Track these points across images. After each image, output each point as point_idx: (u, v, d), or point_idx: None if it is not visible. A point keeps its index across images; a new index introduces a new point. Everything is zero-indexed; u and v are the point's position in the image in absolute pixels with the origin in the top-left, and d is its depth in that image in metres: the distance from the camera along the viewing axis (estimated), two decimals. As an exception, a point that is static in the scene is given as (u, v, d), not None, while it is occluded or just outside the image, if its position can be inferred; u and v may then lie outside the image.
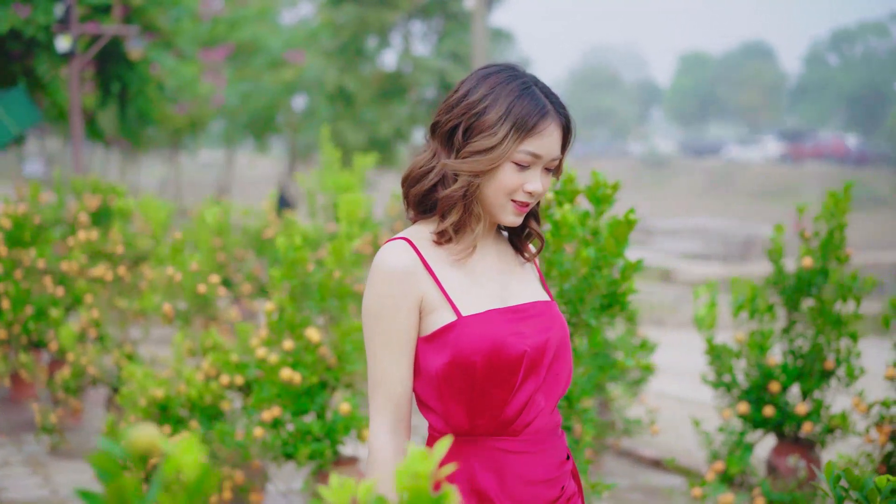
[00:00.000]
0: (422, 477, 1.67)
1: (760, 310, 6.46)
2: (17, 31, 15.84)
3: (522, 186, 2.62)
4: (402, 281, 2.61)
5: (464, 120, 2.63)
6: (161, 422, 6.28)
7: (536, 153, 2.60)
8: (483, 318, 2.60)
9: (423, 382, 2.65)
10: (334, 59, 28.23)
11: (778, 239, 6.49)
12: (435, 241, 2.67)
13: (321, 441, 5.74)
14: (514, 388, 2.60)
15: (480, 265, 2.73)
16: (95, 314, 7.94)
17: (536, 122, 2.59)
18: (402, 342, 2.62)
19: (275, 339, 5.79)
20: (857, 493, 3.27)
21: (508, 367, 2.58)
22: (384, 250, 2.65)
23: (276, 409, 5.67)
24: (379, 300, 2.61)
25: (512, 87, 2.62)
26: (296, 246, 5.75)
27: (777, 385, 6.23)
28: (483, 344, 2.56)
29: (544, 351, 2.66)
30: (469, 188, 2.61)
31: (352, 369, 5.79)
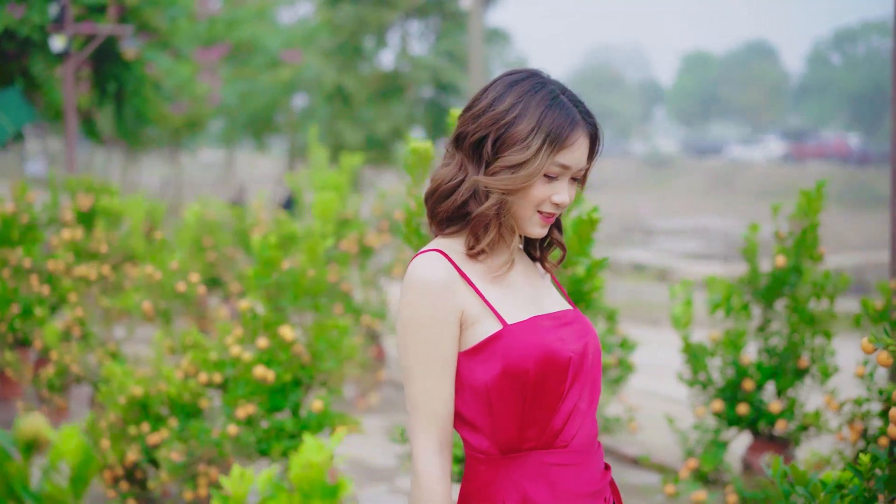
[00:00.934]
0: (316, 467, 1.71)
1: (735, 308, 6.50)
2: (12, 31, 15.89)
3: (550, 198, 2.55)
4: (439, 293, 2.50)
5: (492, 131, 2.53)
6: (140, 419, 6.32)
7: (567, 164, 2.53)
8: (529, 325, 2.53)
9: (465, 399, 2.55)
10: (332, 58, 28.28)
11: (752, 238, 6.53)
12: (469, 256, 2.57)
13: (295, 438, 5.78)
14: (561, 396, 2.53)
15: (511, 276, 2.65)
16: (80, 313, 7.98)
17: (568, 134, 2.52)
18: (444, 358, 2.51)
19: (249, 338, 5.84)
20: (802, 488, 3.31)
21: (557, 375, 2.51)
22: (418, 263, 2.54)
23: (250, 407, 5.72)
24: (416, 315, 2.50)
25: (541, 97, 2.54)
26: (270, 245, 5.79)
27: (751, 383, 6.27)
28: (534, 351, 2.49)
29: (584, 357, 2.59)
30: (503, 203, 2.53)
31: (325, 367, 5.83)
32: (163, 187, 44.86)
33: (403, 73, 28.43)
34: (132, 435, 6.23)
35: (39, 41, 16.09)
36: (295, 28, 30.33)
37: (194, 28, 23.72)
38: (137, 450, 6.21)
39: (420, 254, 2.56)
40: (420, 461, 2.49)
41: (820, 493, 3.26)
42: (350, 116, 27.55)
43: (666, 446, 8.52)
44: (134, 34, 16.99)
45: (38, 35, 15.91)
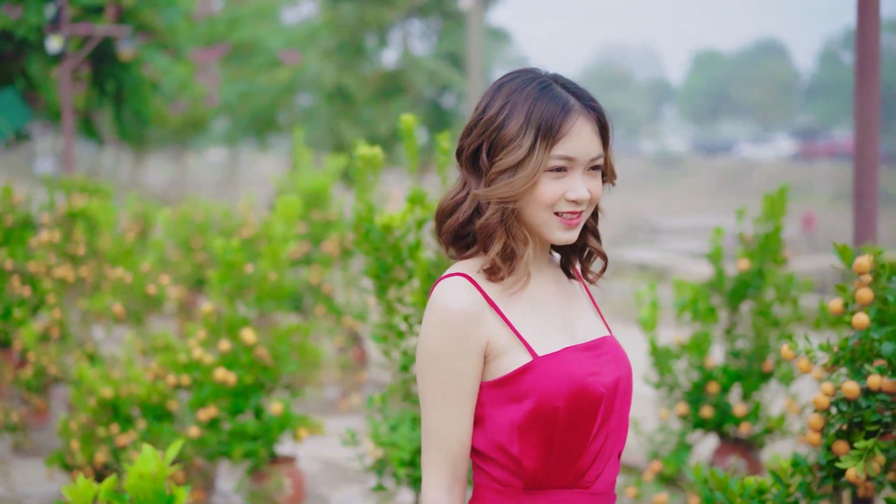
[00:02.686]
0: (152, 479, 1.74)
1: (702, 312, 6.53)
2: (9, 32, 15.97)
3: (564, 195, 2.35)
4: (465, 323, 2.32)
5: (485, 139, 2.38)
6: (111, 421, 6.37)
7: (569, 156, 2.34)
8: (561, 358, 2.35)
9: (484, 431, 2.38)
10: (333, 57, 28.32)
11: (717, 241, 6.56)
12: (488, 279, 2.39)
13: (257, 440, 5.83)
14: (591, 435, 2.36)
15: (541, 296, 2.47)
16: (58, 314, 8.04)
17: (562, 122, 2.33)
18: (462, 392, 2.34)
19: (212, 340, 5.89)
20: (720, 493, 3.34)
21: (588, 412, 2.34)
22: (443, 289, 2.36)
23: (212, 409, 5.77)
24: (436, 345, 2.33)
25: (529, 91, 2.36)
26: (233, 248, 5.83)
27: (715, 386, 6.30)
28: (564, 386, 2.31)
29: (616, 392, 2.42)
30: (506, 211, 2.35)
31: (287, 370, 5.87)
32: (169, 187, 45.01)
33: (404, 73, 28.45)
34: (101, 436, 6.27)
35: (36, 42, 16.16)
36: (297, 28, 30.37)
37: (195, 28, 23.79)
38: (107, 451, 6.26)
39: (444, 278, 2.39)
40: (429, 497, 2.37)
41: (736, 498, 3.28)
42: (351, 116, 27.60)
43: (631, 448, 8.53)
44: (131, 35, 17.05)
45: (35, 36, 15.98)
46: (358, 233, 4.66)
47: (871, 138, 5.65)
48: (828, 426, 3.35)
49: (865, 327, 3.31)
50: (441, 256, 4.64)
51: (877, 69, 5.60)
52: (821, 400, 3.31)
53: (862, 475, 3.18)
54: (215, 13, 25.75)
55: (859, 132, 5.65)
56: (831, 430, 3.35)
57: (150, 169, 48.13)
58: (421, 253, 4.60)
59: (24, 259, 8.67)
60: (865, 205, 5.73)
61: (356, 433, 4.90)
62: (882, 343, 3.27)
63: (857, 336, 3.35)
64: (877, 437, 3.21)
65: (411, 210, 4.63)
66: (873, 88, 5.59)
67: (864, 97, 5.60)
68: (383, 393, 4.86)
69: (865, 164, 5.69)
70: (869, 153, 5.68)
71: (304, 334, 6.02)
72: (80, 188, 11.40)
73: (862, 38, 5.52)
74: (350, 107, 27.94)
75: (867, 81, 5.59)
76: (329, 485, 7.49)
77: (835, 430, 3.34)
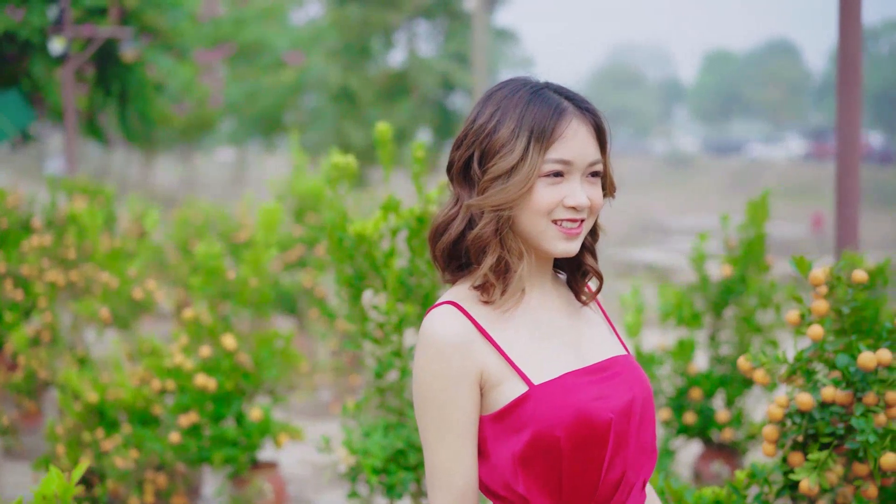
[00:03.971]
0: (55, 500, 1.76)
1: (686, 317, 6.53)
2: (12, 34, 16.02)
3: (562, 202, 2.24)
4: (455, 354, 2.21)
5: (475, 147, 2.27)
6: (96, 425, 6.39)
7: (566, 159, 2.23)
8: (559, 385, 2.22)
9: (491, 468, 2.25)
10: (338, 58, 28.35)
11: (700, 247, 6.57)
12: (482, 300, 2.28)
13: (237, 446, 5.84)
14: (603, 466, 2.22)
15: (545, 317, 2.35)
16: (48, 318, 8.07)
17: (555, 125, 2.23)
18: (462, 427, 2.23)
19: (195, 346, 5.91)
20: None
21: (596, 441, 2.20)
22: (430, 320, 2.26)
23: (193, 415, 5.78)
24: (430, 380, 2.23)
25: (520, 96, 2.27)
26: (215, 254, 5.86)
27: (698, 392, 6.30)
28: (564, 415, 2.18)
29: (630, 416, 2.27)
30: (500, 221, 2.24)
31: (268, 376, 5.89)
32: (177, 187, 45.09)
33: (410, 74, 28.47)
34: (87, 441, 6.29)
35: (39, 44, 16.22)
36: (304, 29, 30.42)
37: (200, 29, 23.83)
38: (91, 455, 6.28)
39: (433, 308, 2.28)
40: None
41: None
42: (356, 117, 27.63)
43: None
44: (135, 36, 17.11)
45: (38, 38, 16.04)
46: (331, 240, 4.67)
47: (852, 146, 5.65)
48: (783, 437, 3.36)
49: (820, 339, 3.32)
50: (414, 264, 4.65)
51: (859, 79, 5.60)
52: (774, 411, 3.31)
53: (815, 487, 3.19)
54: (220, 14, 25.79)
55: (841, 141, 5.65)
56: (786, 442, 3.36)
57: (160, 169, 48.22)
58: (394, 261, 4.61)
59: (18, 262, 8.69)
60: (847, 211, 5.74)
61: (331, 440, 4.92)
62: (837, 355, 3.27)
63: (813, 348, 3.36)
64: (830, 449, 3.22)
65: (385, 217, 4.63)
66: (854, 97, 5.60)
67: (845, 106, 5.61)
68: (358, 400, 4.88)
69: (847, 172, 5.70)
70: (850, 161, 5.68)
71: (286, 340, 6.03)
72: (82, 189, 11.46)
73: (844, 48, 5.52)
74: (355, 108, 27.97)
75: (848, 90, 5.60)
76: (315, 489, 7.51)
77: (790, 441, 3.34)
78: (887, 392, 3.17)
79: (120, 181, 42.85)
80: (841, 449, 3.29)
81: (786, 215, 42.01)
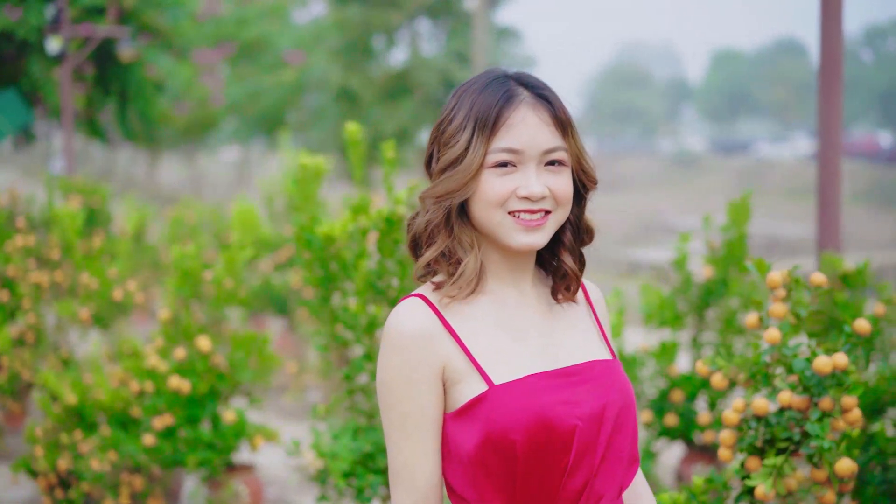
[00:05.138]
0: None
1: (668, 319, 6.49)
2: (9, 33, 16.03)
3: (514, 192, 2.16)
4: (417, 348, 2.15)
5: (435, 143, 2.25)
6: (75, 427, 6.36)
7: (512, 147, 2.14)
8: (521, 386, 2.13)
9: (453, 467, 2.18)
10: (339, 58, 28.32)
11: (683, 248, 6.52)
12: (444, 295, 2.21)
13: (212, 448, 5.80)
14: (564, 473, 2.13)
15: (519, 317, 2.26)
16: (32, 319, 8.04)
17: (500, 112, 2.15)
18: (424, 424, 2.16)
19: (169, 348, 5.87)
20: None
21: (557, 447, 2.12)
22: (395, 313, 2.20)
23: (167, 417, 5.74)
24: (392, 374, 2.16)
25: (475, 87, 2.21)
26: (189, 255, 5.82)
27: (680, 394, 6.25)
28: (522, 418, 2.09)
29: (600, 423, 2.18)
30: (448, 212, 2.20)
31: (244, 378, 5.85)
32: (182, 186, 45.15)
33: (412, 74, 28.42)
34: (65, 443, 6.26)
35: (37, 43, 16.23)
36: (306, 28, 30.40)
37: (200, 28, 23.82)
38: (69, 458, 6.24)
39: (400, 301, 2.24)
40: None
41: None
42: (357, 116, 27.57)
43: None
44: (134, 36, 17.11)
45: (36, 37, 16.05)
46: (299, 242, 4.63)
47: (833, 148, 5.62)
48: (740, 442, 3.31)
49: (778, 342, 3.27)
50: (384, 266, 4.61)
51: (840, 81, 5.56)
52: (730, 416, 3.26)
53: (770, 493, 3.14)
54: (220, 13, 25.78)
55: (823, 143, 5.62)
56: (743, 447, 3.30)
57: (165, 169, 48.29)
58: (363, 262, 4.57)
59: (4, 262, 8.67)
60: (829, 212, 5.69)
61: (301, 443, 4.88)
62: (793, 359, 3.22)
63: (770, 351, 3.31)
64: (787, 455, 3.17)
65: (353, 219, 4.59)
66: (836, 99, 5.56)
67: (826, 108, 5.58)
68: (328, 403, 4.84)
69: (829, 174, 5.66)
70: (832, 163, 5.65)
71: (263, 342, 5.99)
72: (79, 189, 11.46)
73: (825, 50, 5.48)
74: (357, 107, 27.93)
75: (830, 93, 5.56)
76: (298, 491, 7.47)
77: (746, 446, 3.29)
78: (843, 397, 3.12)
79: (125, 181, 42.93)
80: (796, 454, 3.24)
81: (793, 215, 41.96)
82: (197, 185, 40.75)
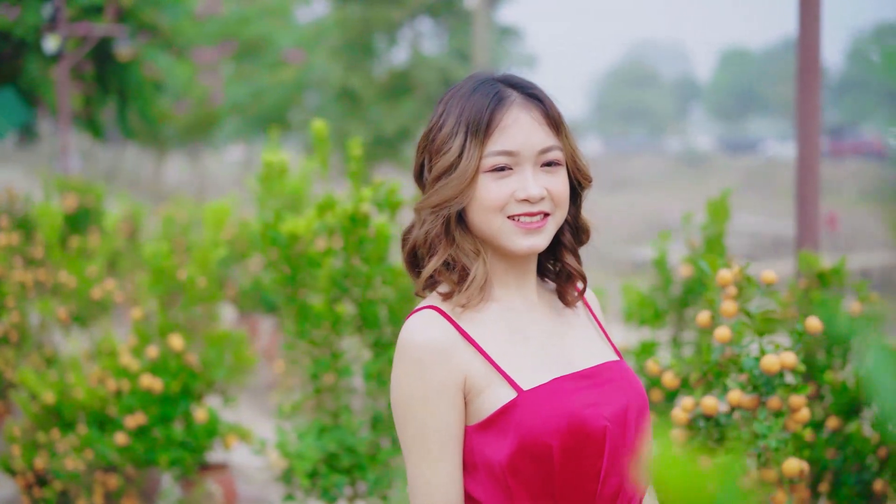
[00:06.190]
0: None
1: (648, 317, 6.44)
2: (6, 32, 16.04)
3: (513, 195, 2.11)
4: (437, 360, 2.08)
5: (426, 151, 2.21)
6: (52, 426, 6.34)
7: (508, 150, 2.11)
8: (549, 390, 2.08)
9: (479, 481, 2.11)
10: (340, 56, 28.29)
11: (662, 245, 6.47)
12: (455, 304, 2.15)
13: (184, 447, 5.78)
14: (599, 477, 2.08)
15: (529, 323, 2.22)
16: (16, 318, 8.02)
17: (492, 115, 2.11)
18: (445, 441, 2.08)
19: (142, 347, 5.84)
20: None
21: (591, 451, 2.06)
22: (409, 326, 2.13)
23: (140, 416, 5.72)
24: (410, 390, 2.09)
25: (463, 91, 2.18)
26: (163, 253, 5.79)
27: (659, 393, 6.19)
28: (556, 422, 2.04)
29: (625, 424, 2.14)
30: (447, 221, 2.15)
31: (215, 376, 5.82)
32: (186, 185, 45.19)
33: (412, 72, 28.39)
34: (42, 442, 6.24)
35: (34, 42, 16.24)
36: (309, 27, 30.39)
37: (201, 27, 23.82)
38: (46, 457, 6.22)
39: (413, 313, 2.16)
40: None
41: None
42: (358, 115, 27.54)
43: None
44: (132, 34, 17.10)
45: (33, 36, 16.06)
46: (263, 239, 4.60)
47: (812, 146, 5.57)
48: (690, 442, 3.27)
49: (728, 341, 3.23)
50: (350, 264, 4.58)
51: (818, 80, 5.51)
52: (678, 415, 3.23)
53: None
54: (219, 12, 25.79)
55: (801, 141, 5.57)
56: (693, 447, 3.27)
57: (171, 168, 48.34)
58: (329, 260, 4.54)
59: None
60: (807, 211, 5.65)
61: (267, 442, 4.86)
62: (742, 358, 3.18)
63: (721, 350, 3.27)
64: (737, 455, 3.13)
65: (320, 216, 4.56)
66: (814, 98, 5.51)
67: (805, 107, 5.52)
68: (294, 402, 4.81)
69: (807, 172, 5.61)
70: (811, 161, 5.60)
71: (238, 341, 5.96)
72: (74, 188, 11.46)
73: (803, 49, 5.44)
74: (357, 106, 27.89)
75: (808, 92, 5.51)
76: (279, 490, 7.43)
77: (697, 446, 3.25)
78: (791, 396, 3.08)
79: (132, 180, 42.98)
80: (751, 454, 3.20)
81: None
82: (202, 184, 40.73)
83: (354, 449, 4.56)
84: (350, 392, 4.74)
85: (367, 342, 4.66)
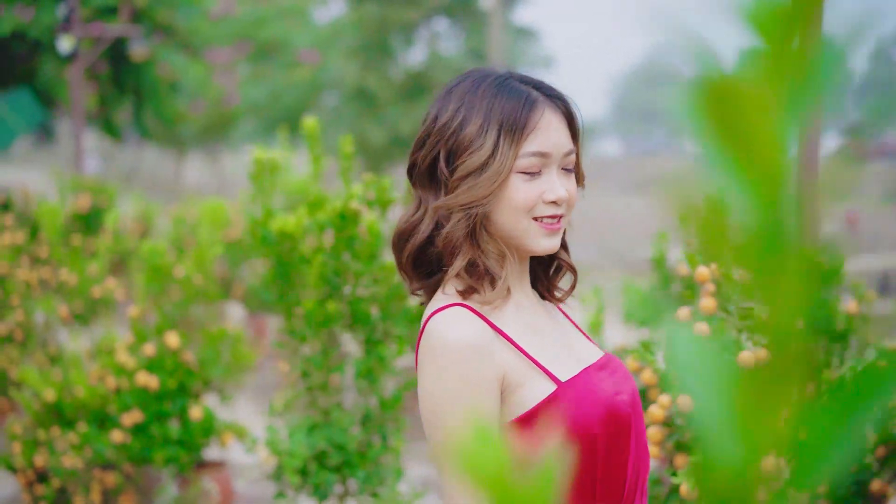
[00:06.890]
0: None
1: (648, 317, 6.43)
2: (21, 33, 16.11)
3: (542, 197, 2.09)
4: (476, 357, 2.00)
5: (441, 147, 2.11)
6: (52, 423, 6.36)
7: (542, 151, 2.08)
8: (584, 380, 2.06)
9: None
10: (356, 57, 28.29)
11: (661, 246, 6.45)
12: (484, 302, 2.09)
13: (181, 445, 5.79)
14: (627, 465, 2.08)
15: (539, 319, 2.20)
16: (20, 316, 8.05)
17: (528, 115, 2.08)
18: None
19: (138, 345, 5.86)
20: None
21: (622, 439, 2.06)
22: (442, 322, 2.04)
23: (136, 414, 5.73)
24: (448, 390, 1.99)
25: (484, 88, 2.11)
26: (159, 252, 5.80)
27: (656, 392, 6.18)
28: (597, 411, 2.02)
29: (637, 412, 2.14)
30: (472, 220, 2.08)
31: (212, 374, 5.83)
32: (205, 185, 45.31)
33: (429, 73, 28.36)
34: (42, 440, 6.26)
35: (49, 43, 16.30)
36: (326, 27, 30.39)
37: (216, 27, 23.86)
38: (46, 454, 6.24)
39: (439, 310, 2.06)
40: None
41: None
42: (374, 116, 27.54)
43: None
44: (147, 35, 17.15)
45: (48, 37, 16.12)
46: (253, 237, 4.60)
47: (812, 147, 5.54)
48: (668, 439, 3.25)
49: (705, 338, 3.20)
50: (339, 262, 4.57)
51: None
52: (655, 412, 3.21)
53: (694, 491, 3.08)
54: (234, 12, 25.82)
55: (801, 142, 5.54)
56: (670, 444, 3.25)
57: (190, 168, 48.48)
58: (319, 258, 4.53)
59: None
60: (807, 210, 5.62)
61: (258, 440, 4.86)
62: (720, 355, 3.16)
63: (699, 347, 3.24)
64: (713, 453, 3.10)
65: (311, 214, 4.56)
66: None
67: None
68: (286, 399, 4.81)
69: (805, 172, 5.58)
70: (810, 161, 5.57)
71: (235, 339, 5.97)
72: (88, 188, 11.51)
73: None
74: (373, 107, 27.89)
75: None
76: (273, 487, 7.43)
77: (674, 443, 3.23)
78: (767, 393, 3.05)
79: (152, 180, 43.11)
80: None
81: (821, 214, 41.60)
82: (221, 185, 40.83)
83: (344, 446, 4.56)
84: (341, 390, 4.74)
85: (357, 339, 4.66)
